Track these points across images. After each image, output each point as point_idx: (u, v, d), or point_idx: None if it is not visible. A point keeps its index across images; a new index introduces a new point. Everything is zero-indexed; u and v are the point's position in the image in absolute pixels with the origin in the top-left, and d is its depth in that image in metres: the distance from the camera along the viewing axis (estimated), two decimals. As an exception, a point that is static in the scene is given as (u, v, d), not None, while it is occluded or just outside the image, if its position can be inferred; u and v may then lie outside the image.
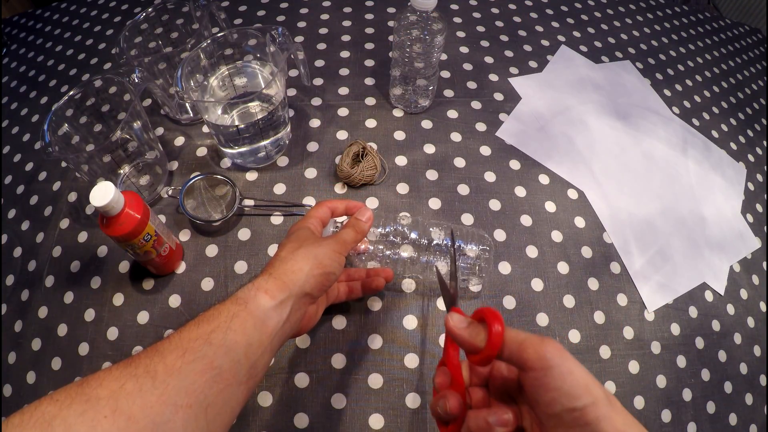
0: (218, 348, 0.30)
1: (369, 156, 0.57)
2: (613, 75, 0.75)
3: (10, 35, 0.83)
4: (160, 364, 0.28)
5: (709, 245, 0.60)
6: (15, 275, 0.54)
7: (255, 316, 0.33)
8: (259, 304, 0.33)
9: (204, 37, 0.55)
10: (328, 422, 0.45)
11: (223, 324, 0.31)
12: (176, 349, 0.29)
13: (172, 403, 0.27)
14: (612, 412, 0.25)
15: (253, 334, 0.32)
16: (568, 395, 0.25)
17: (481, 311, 0.30)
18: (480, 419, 0.28)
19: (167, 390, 0.27)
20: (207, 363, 0.29)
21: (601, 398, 0.25)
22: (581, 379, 0.26)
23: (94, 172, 0.52)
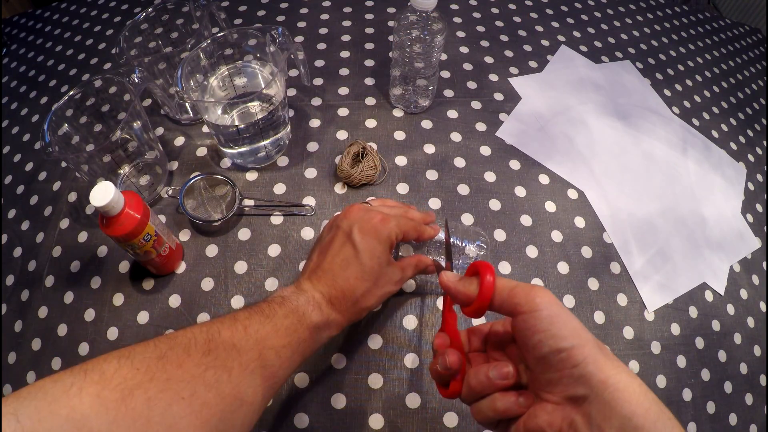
0: (284, 362, 0.34)
1: (369, 156, 0.57)
2: (613, 75, 0.75)
3: (10, 35, 0.83)
4: (236, 362, 0.31)
5: (709, 245, 0.60)
6: (15, 275, 0.54)
7: (314, 345, 0.37)
8: (322, 336, 0.38)
9: (204, 37, 0.55)
10: (328, 422, 0.45)
11: (293, 343, 0.35)
12: (252, 350, 0.32)
13: (240, 398, 0.30)
14: (600, 355, 0.25)
15: (306, 357, 0.37)
16: (555, 336, 0.26)
17: (474, 265, 0.30)
18: (481, 375, 0.29)
19: (239, 386, 0.30)
20: (273, 372, 0.33)
21: (589, 341, 0.26)
22: (569, 322, 0.26)
23: (94, 172, 0.52)
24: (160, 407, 0.26)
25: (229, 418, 0.29)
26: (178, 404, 0.27)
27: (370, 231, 0.39)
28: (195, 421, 0.27)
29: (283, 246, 0.54)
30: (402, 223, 0.41)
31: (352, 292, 0.38)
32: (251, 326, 0.33)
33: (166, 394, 0.27)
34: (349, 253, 0.39)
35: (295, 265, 0.52)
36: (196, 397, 0.28)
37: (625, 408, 0.23)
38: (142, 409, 0.25)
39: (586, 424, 0.24)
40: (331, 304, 0.38)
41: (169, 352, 0.29)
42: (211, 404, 0.28)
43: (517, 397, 0.28)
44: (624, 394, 0.24)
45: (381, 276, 0.39)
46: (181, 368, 0.28)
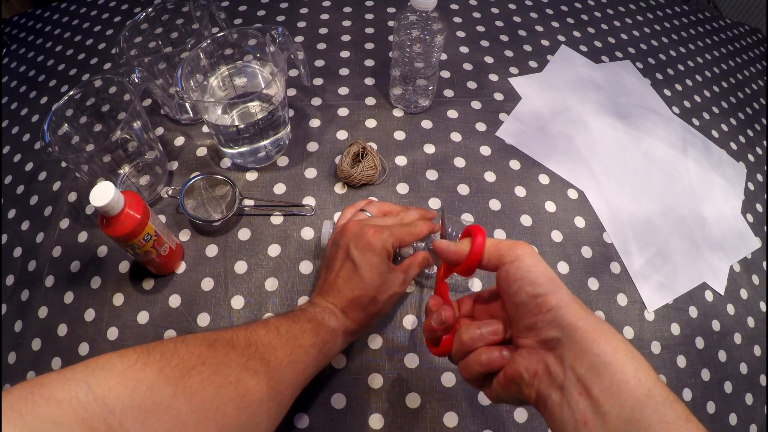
0: (311, 360, 0.38)
1: (369, 156, 0.57)
2: (613, 75, 0.75)
3: (10, 35, 0.83)
4: (273, 356, 0.35)
5: (709, 245, 0.60)
6: (15, 275, 0.54)
7: (334, 348, 0.41)
8: (339, 342, 0.42)
9: (204, 37, 0.55)
10: (328, 422, 0.45)
11: (319, 344, 0.39)
12: (285, 347, 0.36)
13: (276, 389, 0.34)
14: (572, 302, 0.28)
15: (328, 359, 0.41)
16: (532, 283, 0.28)
17: (467, 228, 0.33)
18: (472, 329, 0.31)
19: (275, 377, 0.34)
20: (302, 368, 0.37)
21: (561, 289, 0.28)
22: (545, 271, 0.29)
23: (94, 172, 0.52)
24: (212, 388, 0.29)
25: (266, 406, 0.33)
26: (226, 388, 0.30)
27: (365, 246, 0.42)
28: (239, 404, 0.30)
29: (283, 246, 0.54)
30: (395, 232, 0.43)
31: (359, 301, 0.42)
32: (282, 327, 0.37)
33: (217, 377, 0.30)
34: (349, 268, 0.42)
35: (295, 265, 0.52)
36: (241, 383, 0.31)
37: (593, 347, 0.25)
38: (198, 388, 0.28)
39: (559, 365, 0.26)
40: (344, 312, 0.42)
41: (217, 343, 0.32)
42: (253, 391, 0.31)
43: (500, 350, 0.30)
44: (593, 334, 0.25)
45: (383, 283, 0.42)
46: (228, 356, 0.32)
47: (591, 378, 0.25)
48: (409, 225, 0.45)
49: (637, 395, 0.24)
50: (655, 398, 0.24)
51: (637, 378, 0.24)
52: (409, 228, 0.44)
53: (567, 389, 0.25)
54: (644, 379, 0.24)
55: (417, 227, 0.45)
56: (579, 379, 0.25)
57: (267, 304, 0.50)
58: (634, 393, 0.24)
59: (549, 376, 0.26)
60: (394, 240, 0.43)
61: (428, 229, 0.46)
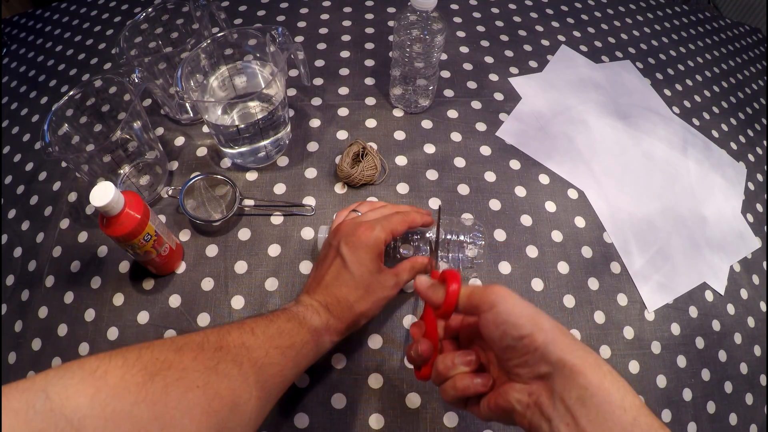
0: (289, 362, 0.36)
1: (369, 156, 0.57)
2: (614, 75, 0.75)
3: (10, 35, 0.83)
4: (246, 357, 0.33)
5: (709, 245, 0.60)
6: (15, 275, 0.54)
7: (317, 348, 0.39)
8: (324, 342, 0.40)
9: (204, 37, 0.55)
10: (328, 422, 0.45)
11: (297, 345, 0.37)
12: (260, 349, 0.35)
13: (250, 392, 0.32)
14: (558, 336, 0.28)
15: (311, 360, 0.39)
16: (515, 326, 0.29)
17: (443, 272, 0.34)
18: (447, 360, 0.33)
19: (249, 380, 0.32)
20: (279, 370, 0.35)
21: (544, 325, 0.28)
22: (525, 311, 0.29)
23: (94, 172, 0.52)
24: (177, 393, 0.28)
25: (238, 411, 0.31)
26: (193, 392, 0.29)
27: (356, 243, 0.42)
28: (207, 409, 0.29)
29: (283, 246, 0.54)
30: (386, 224, 0.43)
31: (346, 298, 0.41)
32: (257, 328, 0.36)
33: (183, 382, 0.29)
34: (339, 265, 0.42)
35: (295, 265, 0.52)
36: (210, 387, 0.30)
37: (581, 379, 0.26)
38: (161, 394, 0.27)
39: (549, 397, 0.27)
40: (329, 310, 0.40)
41: (185, 347, 0.31)
42: (223, 395, 0.30)
43: (473, 377, 0.32)
44: (580, 367, 0.27)
45: (372, 283, 0.42)
46: (196, 360, 0.31)
47: (578, 409, 0.26)
48: (401, 213, 0.45)
49: (622, 424, 0.25)
50: (641, 426, 0.25)
51: (622, 408, 0.25)
52: (401, 216, 0.44)
53: (555, 421, 0.27)
54: (629, 407, 0.25)
55: (409, 215, 0.45)
56: (567, 410, 0.26)
57: (267, 304, 0.50)
58: (620, 422, 0.25)
59: (539, 407, 0.28)
60: (386, 234, 0.42)
61: (421, 219, 0.46)
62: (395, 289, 0.44)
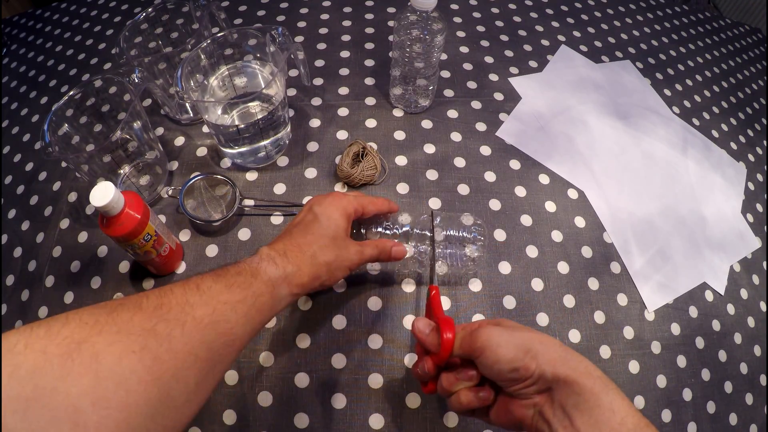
0: (240, 318, 0.33)
1: (369, 156, 0.57)
2: (613, 75, 0.75)
3: (10, 35, 0.83)
4: (190, 316, 0.30)
5: (709, 245, 0.60)
6: (15, 275, 0.54)
7: (274, 302, 0.36)
8: (282, 294, 0.37)
9: (204, 37, 0.55)
10: (328, 422, 0.45)
11: (249, 298, 0.34)
12: (206, 305, 0.31)
13: (194, 354, 0.29)
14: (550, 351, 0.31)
15: (267, 315, 0.36)
16: (506, 362, 0.31)
17: (438, 320, 0.36)
18: (450, 377, 0.35)
19: (192, 341, 0.29)
20: (229, 328, 0.32)
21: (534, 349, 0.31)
22: (511, 345, 0.32)
23: (94, 172, 0.52)
24: (109, 361, 0.25)
25: (182, 375, 0.28)
26: (128, 358, 0.26)
27: (328, 203, 0.43)
28: (146, 376, 0.26)
29: (283, 246, 0.54)
30: (358, 199, 0.45)
31: (309, 245, 0.39)
32: (203, 283, 0.33)
33: (116, 347, 0.26)
34: (309, 219, 0.42)
35: (295, 265, 0.52)
36: (147, 351, 0.26)
37: (575, 388, 0.30)
38: (90, 363, 0.24)
39: (550, 406, 0.31)
40: (286, 256, 0.38)
41: (120, 308, 0.28)
42: (163, 359, 0.27)
43: (476, 392, 0.34)
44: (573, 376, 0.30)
45: (338, 238, 0.41)
46: (131, 322, 0.27)
47: (574, 413, 0.30)
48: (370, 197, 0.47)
49: (611, 425, 0.29)
50: (627, 426, 0.28)
51: (611, 410, 0.29)
52: (372, 198, 0.46)
53: (554, 425, 0.30)
54: (617, 409, 0.29)
55: (379, 200, 0.47)
56: (566, 415, 0.30)
57: (267, 304, 0.50)
58: (609, 423, 0.29)
59: (542, 414, 0.31)
60: (356, 204, 0.44)
61: (388, 206, 0.47)
62: (357, 257, 0.42)
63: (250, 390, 0.46)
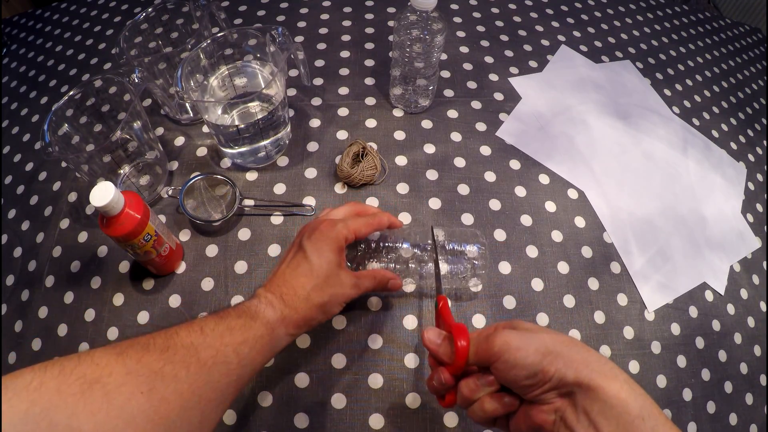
0: (242, 359, 0.35)
1: (369, 156, 0.57)
2: (614, 75, 0.75)
3: (10, 35, 0.83)
4: (194, 358, 0.32)
5: (709, 245, 0.60)
6: (15, 275, 0.54)
7: (273, 343, 0.38)
8: (280, 336, 0.38)
9: (204, 37, 0.55)
10: (328, 422, 0.45)
11: (251, 340, 0.36)
12: (209, 348, 0.33)
13: (199, 395, 0.31)
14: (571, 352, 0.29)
15: (267, 356, 0.37)
16: (524, 366, 0.29)
17: (450, 327, 0.34)
18: (470, 384, 0.33)
19: (197, 382, 0.31)
20: (231, 369, 0.34)
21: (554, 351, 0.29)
22: (530, 348, 0.30)
23: (94, 172, 0.52)
24: (120, 401, 0.27)
25: (187, 415, 0.30)
26: (137, 398, 0.27)
27: (317, 236, 0.42)
28: (153, 416, 0.28)
29: (283, 246, 0.54)
30: (350, 223, 0.43)
31: (302, 288, 0.40)
32: (207, 326, 0.34)
33: (126, 388, 0.27)
34: (299, 257, 0.41)
35: (295, 265, 0.52)
36: (155, 392, 0.28)
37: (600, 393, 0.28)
38: (102, 403, 0.26)
39: (573, 411, 0.29)
40: (283, 300, 0.39)
41: (129, 349, 0.30)
42: (170, 400, 0.29)
43: (501, 398, 0.32)
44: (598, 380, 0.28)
45: (331, 275, 0.41)
46: (140, 363, 0.29)
47: (600, 421, 0.27)
48: (368, 216, 0.45)
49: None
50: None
51: (641, 417, 0.27)
52: (366, 219, 0.44)
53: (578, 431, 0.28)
54: (648, 416, 0.27)
55: (375, 218, 0.45)
56: (591, 422, 0.28)
57: (267, 304, 0.50)
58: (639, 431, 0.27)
59: (564, 420, 0.29)
60: (348, 231, 0.42)
61: (388, 221, 0.46)
62: (354, 290, 0.42)
63: (250, 390, 0.46)
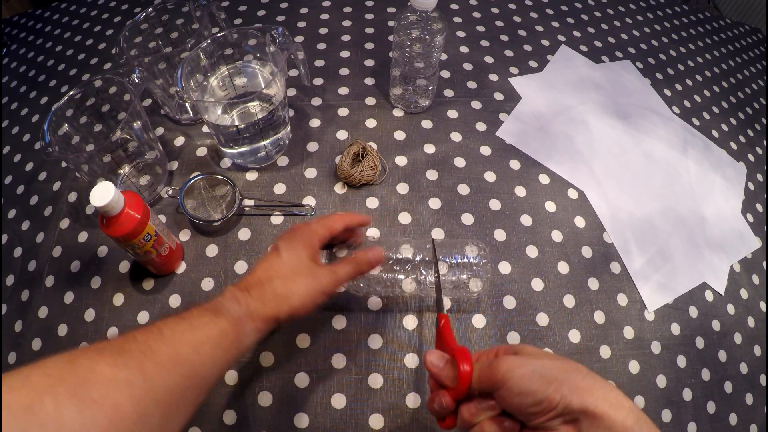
0: (205, 359, 0.33)
1: (369, 156, 0.57)
2: (614, 75, 0.75)
3: (10, 35, 0.83)
4: (151, 362, 0.30)
5: (709, 245, 0.60)
6: (15, 275, 0.54)
7: (240, 340, 0.36)
8: (247, 331, 0.37)
9: (204, 37, 0.55)
10: (328, 422, 0.45)
11: (213, 339, 0.34)
12: (167, 349, 0.31)
13: (156, 399, 0.29)
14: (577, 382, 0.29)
15: (233, 354, 0.36)
16: (529, 394, 0.29)
17: (452, 351, 0.34)
18: (471, 408, 0.32)
19: (154, 387, 0.29)
20: (193, 370, 0.32)
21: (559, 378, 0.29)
22: (535, 375, 0.29)
23: (94, 172, 0.52)
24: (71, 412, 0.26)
25: (144, 421, 0.29)
26: (89, 408, 0.26)
27: (291, 235, 0.42)
28: (107, 424, 0.27)
29: (283, 246, 0.54)
30: (323, 220, 0.44)
31: (270, 280, 0.39)
32: (166, 327, 0.33)
33: (77, 398, 0.26)
34: (272, 255, 0.41)
35: (295, 265, 0.52)
36: (107, 400, 0.27)
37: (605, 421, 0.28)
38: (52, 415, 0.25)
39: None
40: (248, 293, 0.38)
41: (81, 356, 0.29)
42: (124, 407, 0.28)
43: (502, 422, 0.31)
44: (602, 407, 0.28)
45: (302, 269, 0.40)
46: (92, 371, 0.28)
47: None
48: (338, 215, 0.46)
49: None
50: None
51: None
52: (338, 215, 0.45)
53: None
54: None
55: (347, 214, 0.46)
56: None
57: (267, 304, 0.50)
58: None
59: None
60: (321, 228, 0.43)
61: (359, 219, 0.46)
62: (330, 279, 0.41)
63: (250, 390, 0.46)
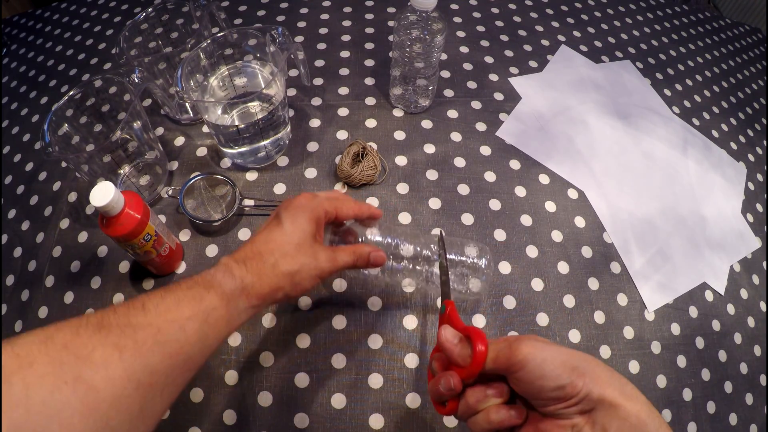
0: (191, 336, 0.31)
1: (369, 156, 0.57)
2: (613, 75, 0.75)
3: (10, 35, 0.83)
4: (131, 339, 0.28)
5: (709, 245, 0.60)
6: (15, 275, 0.54)
7: (230, 316, 0.34)
8: (238, 305, 0.34)
9: (204, 37, 0.55)
10: (328, 422, 0.45)
11: (201, 314, 0.32)
12: (149, 326, 0.29)
13: (136, 380, 0.27)
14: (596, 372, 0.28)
15: (223, 331, 0.33)
16: (551, 378, 0.28)
17: (466, 330, 0.32)
18: (478, 392, 0.31)
19: (132, 366, 0.27)
20: (177, 348, 0.30)
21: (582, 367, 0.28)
22: (557, 360, 0.28)
23: (94, 172, 0.52)
24: (41, 394, 0.24)
25: (123, 403, 0.26)
26: (60, 390, 0.24)
27: (296, 206, 0.39)
28: (80, 407, 0.25)
29: (283, 246, 0.54)
30: (330, 201, 0.40)
31: (270, 253, 0.36)
32: (149, 302, 0.30)
33: (48, 379, 0.24)
34: (272, 224, 0.38)
35: (295, 265, 0.52)
36: (81, 381, 0.25)
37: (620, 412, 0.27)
38: (20, 398, 0.23)
39: (591, 428, 0.28)
40: (245, 264, 0.35)
41: (56, 334, 0.26)
42: (99, 388, 0.25)
43: (508, 410, 0.30)
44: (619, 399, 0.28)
45: (304, 244, 0.37)
46: (67, 349, 0.26)
47: None
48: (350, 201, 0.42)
49: None
50: None
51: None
52: (349, 202, 0.42)
53: None
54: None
55: (358, 204, 0.42)
56: None
57: (267, 304, 0.50)
58: None
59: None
60: (328, 206, 0.40)
61: (368, 212, 0.43)
62: (329, 263, 0.38)
63: (250, 390, 0.46)
